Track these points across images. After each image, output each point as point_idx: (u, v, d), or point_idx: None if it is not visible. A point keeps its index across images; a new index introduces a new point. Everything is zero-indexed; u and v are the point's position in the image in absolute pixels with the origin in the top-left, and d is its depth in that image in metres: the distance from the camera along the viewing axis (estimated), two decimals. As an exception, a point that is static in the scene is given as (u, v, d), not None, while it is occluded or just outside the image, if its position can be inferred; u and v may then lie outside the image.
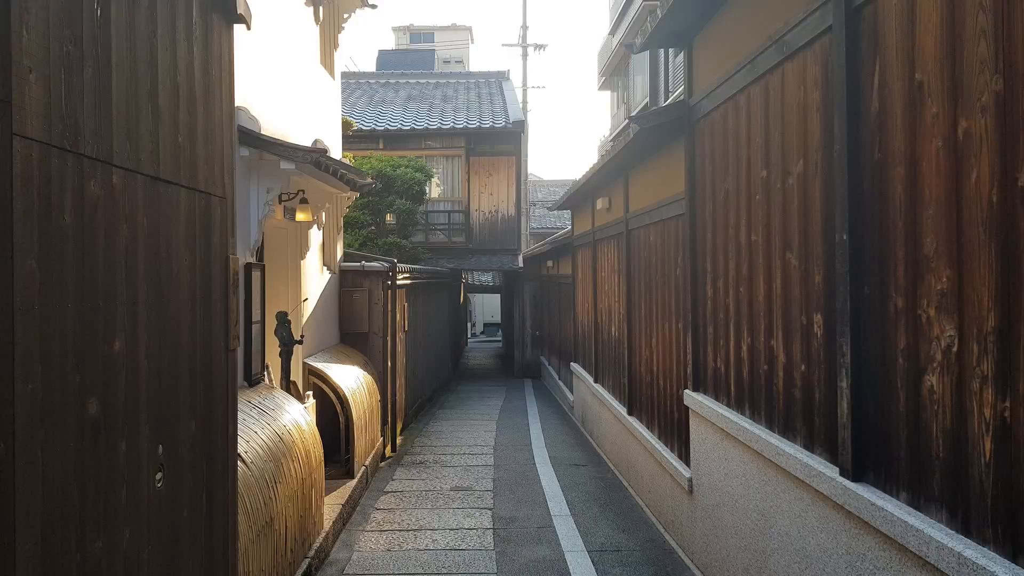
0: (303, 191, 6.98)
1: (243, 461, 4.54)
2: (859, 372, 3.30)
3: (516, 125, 19.42)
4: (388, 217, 15.94)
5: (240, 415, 5.06)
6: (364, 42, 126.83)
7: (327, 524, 6.32)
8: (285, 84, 7.13)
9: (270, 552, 4.78)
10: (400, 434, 11.35)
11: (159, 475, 2.99)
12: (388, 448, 10.07)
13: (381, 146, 18.53)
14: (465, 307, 31.74)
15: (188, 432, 3.29)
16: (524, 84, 30.75)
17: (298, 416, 6.01)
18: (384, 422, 9.79)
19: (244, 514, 4.28)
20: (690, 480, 5.81)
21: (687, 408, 5.92)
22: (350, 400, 7.88)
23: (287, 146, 5.76)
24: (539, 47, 34.87)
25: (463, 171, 19.54)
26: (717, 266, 5.26)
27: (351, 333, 9.70)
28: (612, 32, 27.02)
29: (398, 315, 10.89)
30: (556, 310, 16.45)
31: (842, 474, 3.40)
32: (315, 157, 5.77)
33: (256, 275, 6.06)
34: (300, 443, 5.74)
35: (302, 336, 7.14)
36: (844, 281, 3.36)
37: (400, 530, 6.83)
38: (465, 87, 23.94)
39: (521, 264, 19.41)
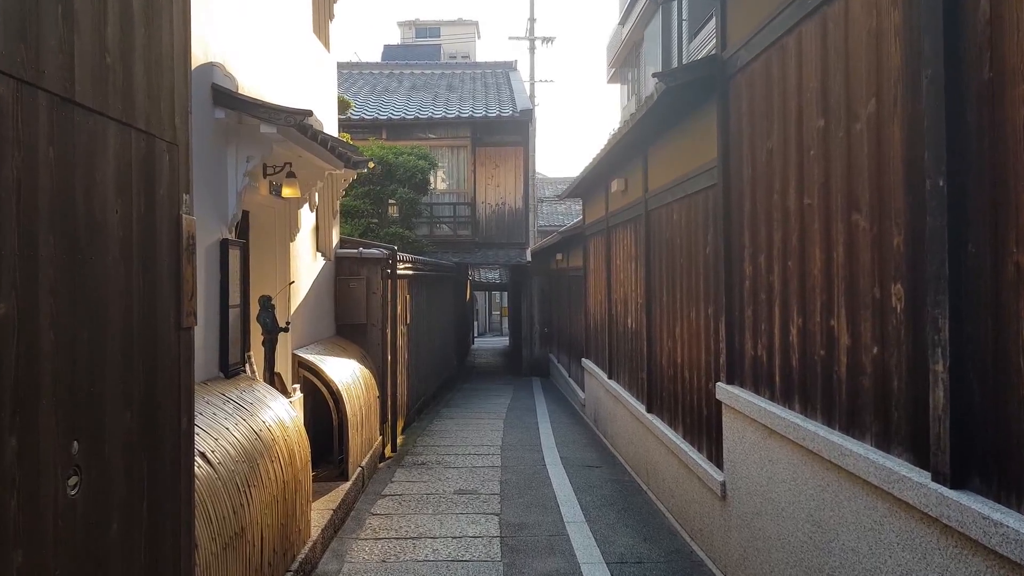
0: (290, 164, 6.34)
1: (207, 462, 3.89)
2: (961, 352, 2.63)
3: (524, 114, 18.76)
4: (391, 210, 15.31)
5: (209, 409, 4.42)
6: (369, 37, 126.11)
7: (315, 532, 5.67)
8: (270, 47, 6.49)
9: (241, 566, 4.13)
10: (401, 433, 10.71)
11: (73, 480, 2.34)
12: (388, 448, 9.41)
13: (384, 136, 17.87)
14: (471, 305, 31.10)
15: (120, 426, 2.64)
16: (531, 78, 30.06)
17: (282, 412, 5.36)
18: (383, 420, 9.14)
19: (205, 524, 3.63)
20: (723, 484, 5.14)
21: (719, 404, 5.25)
22: (344, 395, 7.23)
23: (267, 107, 5.11)
24: (547, 40, 34.15)
25: (469, 162, 18.88)
26: (758, 239, 4.58)
27: (348, 325, 9.05)
28: (622, 22, 26.34)
29: (399, 307, 10.24)
30: (565, 305, 15.79)
31: (936, 479, 2.72)
32: (299, 120, 5.12)
33: (234, 253, 5.41)
34: (283, 441, 5.09)
35: (288, 323, 6.49)
36: (940, 238, 2.69)
37: (398, 538, 6.17)
38: (471, 77, 23.30)
39: (529, 258, 18.75)
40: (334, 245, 8.96)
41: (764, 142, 4.47)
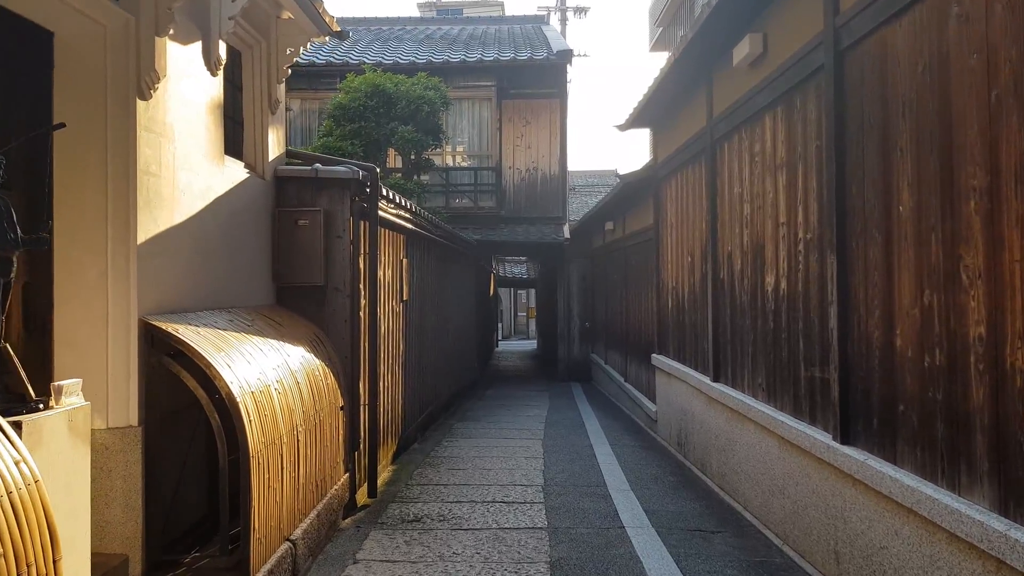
0: None
1: None
2: None
3: (561, 56, 15.17)
4: (392, 161, 11.77)
5: None
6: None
7: None
8: None
9: None
10: (392, 462, 7.13)
11: None
12: (363, 490, 5.84)
13: (388, 83, 14.37)
14: (495, 301, 27.50)
15: None
16: (563, 51, 26.69)
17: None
18: (351, 446, 5.56)
19: None
20: None
21: None
22: (247, 411, 3.65)
23: None
24: (580, 11, 31.08)
25: (493, 118, 15.31)
26: None
27: (292, 287, 5.50)
28: (670, -26, 22.66)
29: (385, 269, 6.68)
30: (619, 288, 12.16)
31: None
32: None
33: None
34: None
35: (47, 232, 2.91)
36: None
37: None
38: (497, 32, 19.71)
39: (567, 235, 15.11)
40: (272, 156, 5.41)
41: None
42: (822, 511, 4.13)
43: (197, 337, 3.72)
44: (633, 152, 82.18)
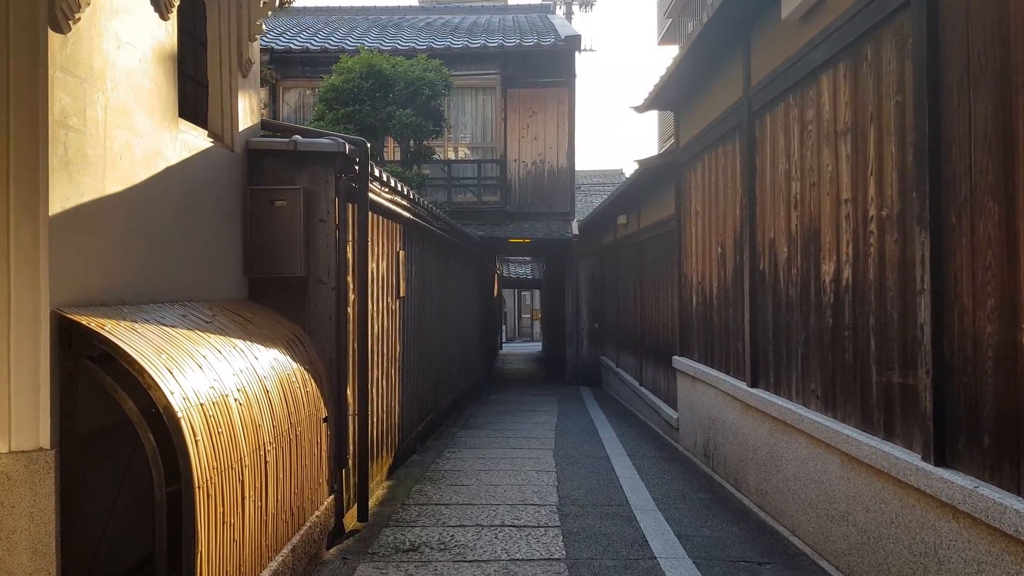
0: None
1: None
2: None
3: (569, 42, 14.43)
4: (390, 153, 11.08)
5: None
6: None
7: None
8: None
9: None
10: (388, 476, 6.38)
11: None
12: (352, 513, 5.09)
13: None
14: (499, 302, 26.74)
15: None
16: (568, 45, 26.01)
17: None
18: (339, 463, 4.80)
19: None
20: None
21: None
22: (192, 428, 2.89)
23: None
24: (585, 4, 30.29)
25: (498, 109, 14.57)
26: None
27: (269, 279, 4.75)
28: (680, -38, 21.88)
29: (378, 260, 5.93)
30: (633, 286, 11.40)
31: None
32: None
33: None
34: None
35: None
36: None
37: None
38: (500, 22, 18.97)
39: (575, 231, 14.34)
40: (243, 126, 4.66)
41: None
42: (905, 546, 3.36)
43: (132, 335, 2.97)
44: (640, 152, 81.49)
